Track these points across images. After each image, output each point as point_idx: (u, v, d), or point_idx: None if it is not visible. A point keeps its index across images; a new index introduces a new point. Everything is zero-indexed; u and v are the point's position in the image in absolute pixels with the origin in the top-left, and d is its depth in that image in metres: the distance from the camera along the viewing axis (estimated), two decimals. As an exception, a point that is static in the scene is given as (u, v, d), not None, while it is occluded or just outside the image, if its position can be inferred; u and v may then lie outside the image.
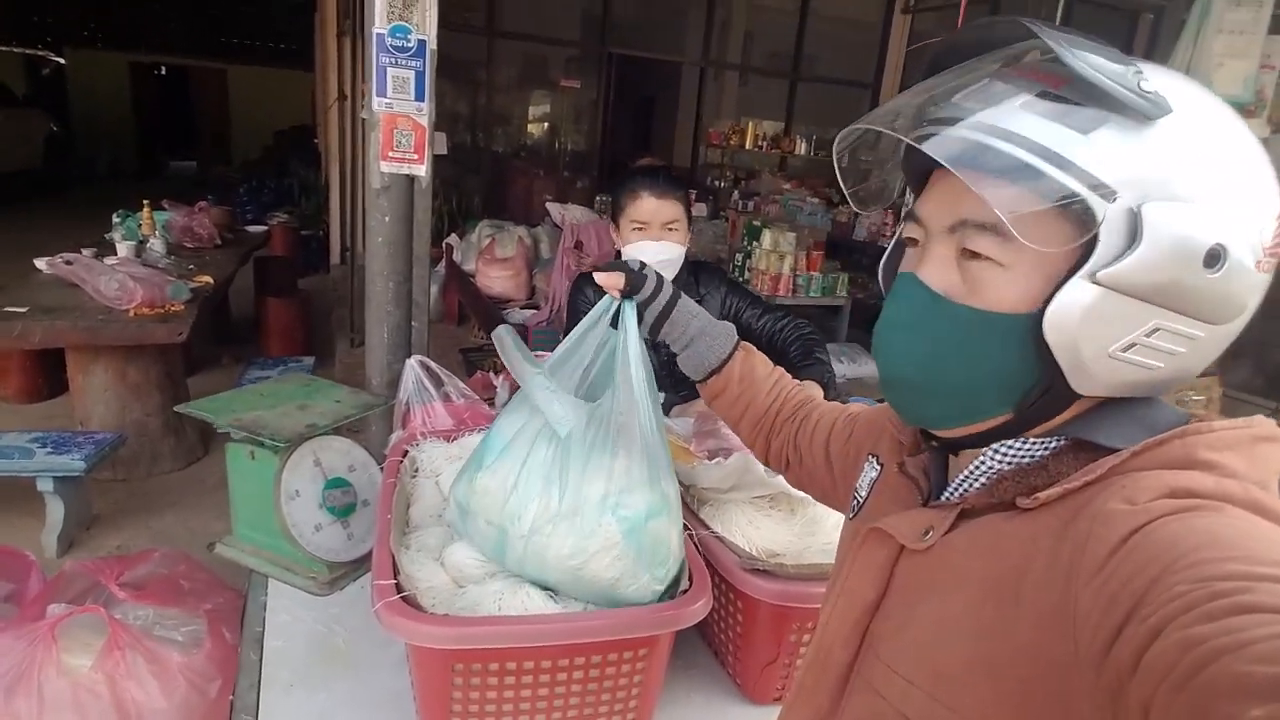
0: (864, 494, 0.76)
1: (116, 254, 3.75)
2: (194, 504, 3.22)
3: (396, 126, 2.13)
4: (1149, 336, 0.53)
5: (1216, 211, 0.51)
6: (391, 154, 2.14)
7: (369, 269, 2.25)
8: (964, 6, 3.90)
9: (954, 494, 0.64)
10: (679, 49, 8.80)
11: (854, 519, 0.77)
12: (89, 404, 3.32)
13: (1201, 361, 0.56)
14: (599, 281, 1.01)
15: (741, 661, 1.19)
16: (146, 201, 4.31)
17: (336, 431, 1.46)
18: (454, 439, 1.45)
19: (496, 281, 5.22)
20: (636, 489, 0.99)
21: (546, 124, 9.69)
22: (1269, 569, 0.41)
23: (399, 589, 0.96)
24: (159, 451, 3.46)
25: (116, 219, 4.25)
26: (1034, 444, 0.59)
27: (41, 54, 13.50)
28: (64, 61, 13.78)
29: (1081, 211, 0.51)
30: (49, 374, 4.00)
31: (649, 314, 1.02)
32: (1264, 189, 0.53)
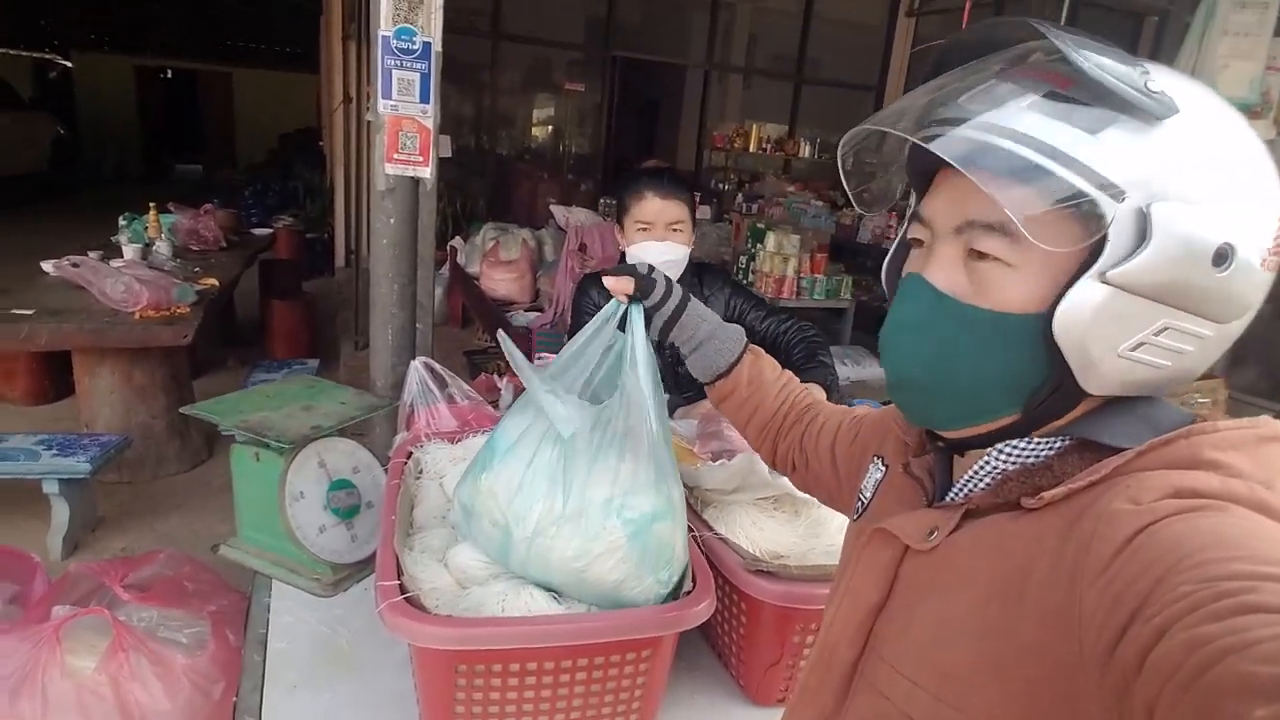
0: (869, 495, 0.76)
1: (122, 257, 3.76)
2: (199, 506, 3.23)
3: (401, 129, 2.14)
4: (1157, 335, 0.53)
5: (1223, 211, 0.51)
6: (396, 156, 2.15)
7: (374, 271, 2.25)
8: (968, 10, 3.90)
9: (959, 494, 0.64)
10: (683, 52, 8.81)
11: (859, 520, 0.77)
12: (95, 406, 3.33)
13: (1206, 360, 0.56)
14: (608, 286, 0.99)
15: (745, 663, 1.19)
16: (152, 204, 4.32)
17: (341, 433, 1.46)
18: (458, 441, 1.45)
19: (500, 284, 5.23)
20: (641, 492, 0.98)
21: (551, 127, 9.71)
22: (1274, 569, 0.41)
23: (403, 590, 0.96)
24: (164, 454, 3.47)
25: (122, 222, 4.26)
26: (1039, 444, 0.59)
27: (49, 57, 13.55)
28: (71, 65, 13.84)
29: (1091, 211, 0.51)
30: (55, 376, 4.01)
31: (657, 319, 1.00)
32: (1267, 189, 0.53)
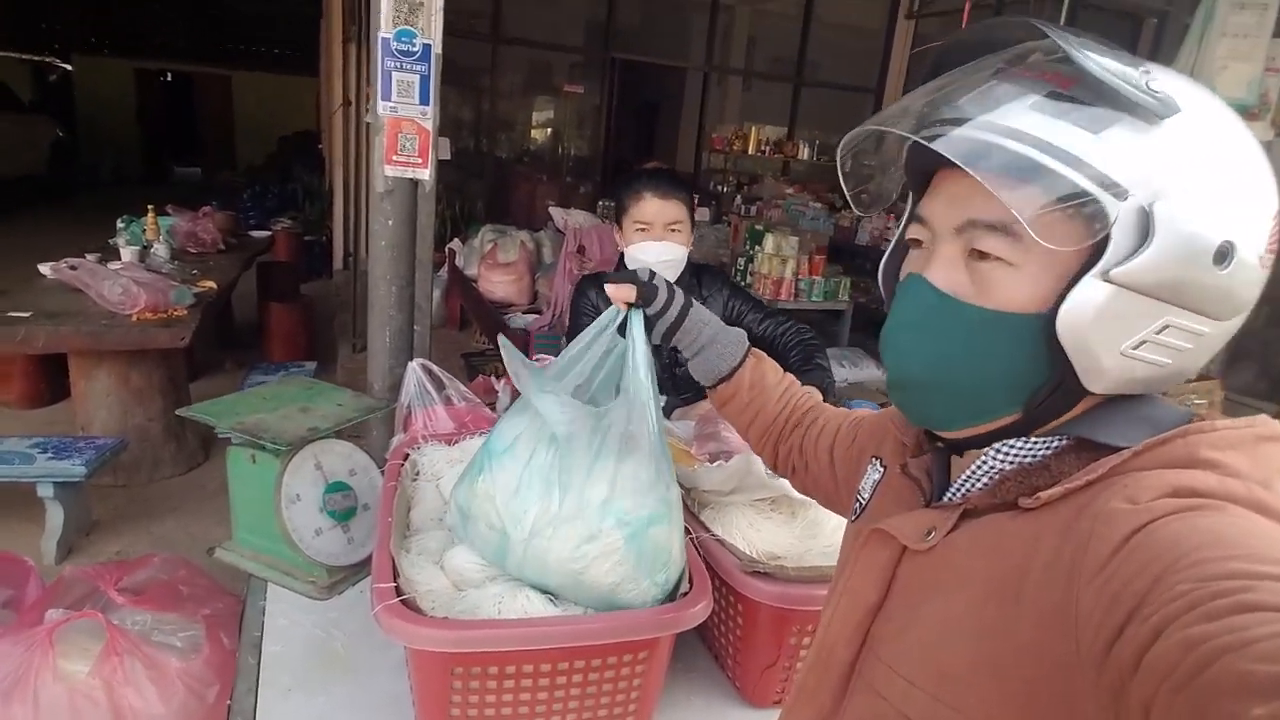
0: (866, 496, 0.76)
1: (120, 259, 3.75)
2: (194, 509, 3.22)
3: (401, 131, 2.13)
4: (1159, 334, 0.54)
5: (1224, 210, 0.52)
6: (395, 158, 2.15)
7: (372, 273, 2.25)
8: (967, 11, 3.91)
9: (956, 494, 0.64)
10: (682, 54, 8.83)
11: (856, 520, 0.77)
12: (91, 409, 3.32)
13: (1203, 358, 0.57)
14: (609, 294, 0.99)
15: (741, 664, 1.19)
16: (151, 207, 4.32)
17: (338, 435, 1.45)
18: (455, 443, 1.45)
19: (499, 286, 5.23)
20: (639, 495, 0.98)
21: (550, 129, 9.72)
22: (1271, 567, 0.41)
23: (399, 593, 0.96)
24: (160, 457, 3.46)
25: (121, 224, 4.26)
26: (1036, 443, 0.59)
27: (49, 61, 13.57)
28: (71, 68, 13.85)
29: (1094, 210, 0.51)
30: (52, 379, 4.00)
31: (660, 325, 1.00)
32: (1264, 189, 0.54)
